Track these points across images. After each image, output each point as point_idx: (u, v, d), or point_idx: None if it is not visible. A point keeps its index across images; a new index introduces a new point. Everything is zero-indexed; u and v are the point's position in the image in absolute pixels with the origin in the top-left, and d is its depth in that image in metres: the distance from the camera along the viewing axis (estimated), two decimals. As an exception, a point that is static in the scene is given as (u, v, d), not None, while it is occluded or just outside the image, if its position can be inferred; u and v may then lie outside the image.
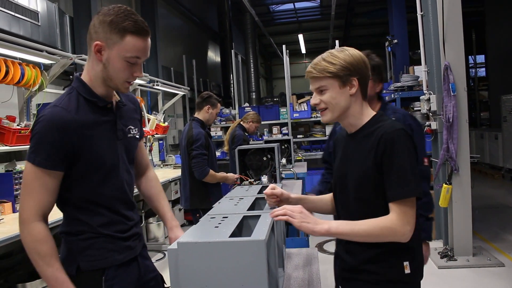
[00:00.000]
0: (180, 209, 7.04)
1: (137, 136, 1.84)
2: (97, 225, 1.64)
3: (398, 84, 6.06)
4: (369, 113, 1.65)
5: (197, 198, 4.05)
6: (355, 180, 1.60)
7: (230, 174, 4.12)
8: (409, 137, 1.52)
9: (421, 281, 1.66)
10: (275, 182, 4.17)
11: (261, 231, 1.42)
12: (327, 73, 1.57)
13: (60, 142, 1.51)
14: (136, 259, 1.76)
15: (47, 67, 4.10)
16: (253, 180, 4.12)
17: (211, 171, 3.97)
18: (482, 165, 11.09)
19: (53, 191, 1.55)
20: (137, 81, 5.94)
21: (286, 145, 5.95)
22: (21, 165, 3.90)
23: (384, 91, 7.94)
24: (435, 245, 5.31)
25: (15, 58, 3.71)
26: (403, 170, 1.48)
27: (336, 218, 1.74)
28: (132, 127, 1.79)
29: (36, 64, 3.94)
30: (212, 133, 9.33)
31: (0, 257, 3.59)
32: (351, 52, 1.61)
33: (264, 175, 4.20)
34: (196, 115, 4.17)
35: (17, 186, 3.67)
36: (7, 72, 3.48)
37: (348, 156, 1.67)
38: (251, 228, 1.61)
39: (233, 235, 1.45)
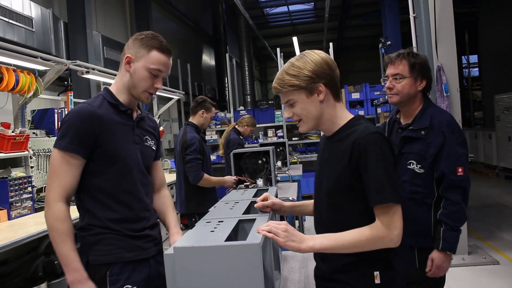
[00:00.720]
0: (177, 214, 7.04)
1: (154, 148, 1.98)
2: (108, 220, 1.73)
3: (392, 86, 6.09)
4: (345, 115, 1.61)
5: (193, 203, 4.06)
6: (328, 184, 1.57)
7: (228, 177, 4.13)
8: (384, 141, 1.48)
9: None
10: (271, 185, 4.19)
11: (256, 235, 1.43)
12: (291, 87, 1.55)
13: (83, 130, 1.68)
14: (147, 261, 1.81)
15: (41, 73, 4.10)
16: (249, 183, 4.15)
17: (206, 175, 3.98)
18: (477, 164, 11.16)
19: (76, 175, 1.69)
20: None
21: (281, 148, 5.96)
22: (16, 172, 3.89)
23: (378, 93, 7.98)
24: (431, 245, 5.35)
25: (10, 64, 3.71)
26: (378, 176, 1.44)
27: (314, 223, 1.72)
28: (149, 139, 1.93)
29: (31, 71, 3.93)
30: (207, 137, 9.34)
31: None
32: (311, 58, 1.56)
33: (259, 178, 4.22)
34: (191, 119, 4.19)
35: (12, 194, 3.67)
36: (1, 79, 3.48)
37: (324, 159, 1.65)
38: (247, 231, 1.62)
39: (228, 239, 1.46)
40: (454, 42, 4.70)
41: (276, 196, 2.56)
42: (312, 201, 1.83)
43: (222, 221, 1.70)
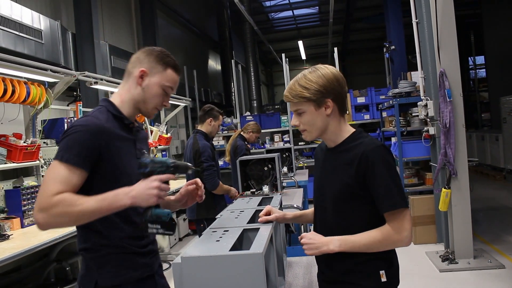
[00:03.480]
0: (184, 219, 7.12)
1: None
2: (117, 238, 1.70)
3: (396, 90, 6.13)
4: (348, 129, 1.74)
5: (203, 209, 4.13)
6: (334, 193, 1.69)
7: (233, 190, 4.23)
8: (388, 152, 1.63)
9: (423, 284, 1.73)
10: (276, 191, 4.25)
11: (259, 244, 1.51)
12: (302, 98, 1.66)
13: (89, 143, 1.60)
14: (153, 277, 1.81)
15: (51, 85, 4.21)
16: (255, 190, 4.22)
17: (220, 183, 4.09)
18: (484, 167, 11.13)
19: (73, 186, 1.56)
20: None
21: (287, 154, 6.02)
22: (28, 181, 3.99)
23: (383, 97, 8.03)
24: (437, 248, 5.38)
25: (21, 77, 3.82)
26: (387, 184, 1.58)
27: (313, 225, 1.86)
28: (145, 151, 1.90)
29: (41, 82, 4.04)
30: (215, 143, 9.42)
31: (9, 271, 3.68)
32: (323, 73, 1.66)
33: (265, 185, 4.29)
34: (199, 127, 4.27)
35: (25, 202, 3.77)
36: (13, 92, 3.58)
37: (327, 169, 1.76)
38: (251, 240, 1.69)
39: (233, 248, 1.54)
40: (456, 47, 4.74)
41: (281, 204, 2.63)
42: (312, 210, 1.92)
43: (227, 230, 1.77)
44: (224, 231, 1.77)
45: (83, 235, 1.73)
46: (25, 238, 3.35)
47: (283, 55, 9.12)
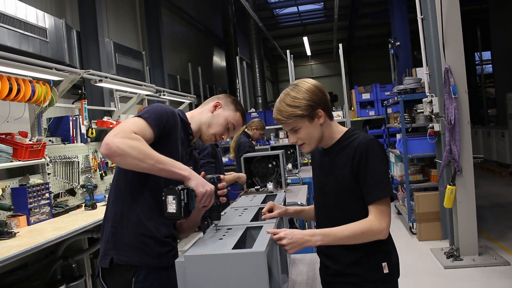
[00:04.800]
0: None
1: None
2: (147, 218, 1.76)
3: (401, 87, 6.11)
4: (340, 129, 1.84)
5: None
6: (334, 189, 1.77)
7: (241, 174, 4.20)
8: (380, 145, 1.73)
9: (427, 281, 1.77)
10: (281, 188, 4.26)
11: (262, 243, 1.51)
12: (295, 117, 1.73)
13: (166, 118, 1.78)
14: (167, 269, 1.82)
15: (56, 83, 4.23)
16: (259, 187, 4.22)
17: (221, 176, 4.06)
18: (490, 163, 11.08)
19: (145, 140, 1.67)
20: (144, 92, 6.07)
21: (291, 150, 6.02)
22: (34, 179, 4.02)
23: (388, 93, 8.00)
24: (441, 245, 5.37)
25: (26, 76, 3.85)
26: (377, 175, 1.67)
27: (316, 223, 1.92)
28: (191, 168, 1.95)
29: (46, 81, 4.06)
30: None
31: (16, 269, 3.71)
32: (306, 87, 1.75)
33: (270, 182, 4.29)
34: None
35: (31, 200, 3.80)
36: (18, 91, 3.60)
37: (325, 168, 1.84)
38: (254, 238, 1.69)
39: (236, 246, 1.55)
40: (461, 43, 4.72)
41: (284, 201, 2.64)
42: (311, 207, 1.97)
43: (230, 229, 1.78)
44: (228, 229, 1.78)
45: (113, 209, 1.79)
46: (32, 236, 3.38)
47: (287, 51, 9.11)
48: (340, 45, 8.51)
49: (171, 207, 1.61)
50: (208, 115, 2.03)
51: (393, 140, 7.10)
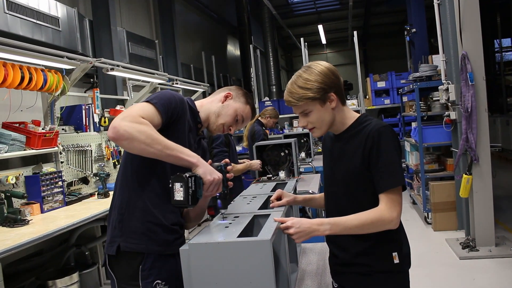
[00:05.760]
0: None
1: None
2: (153, 205, 1.74)
3: (417, 74, 5.98)
4: (352, 115, 1.77)
5: (219, 194, 4.12)
6: (344, 176, 1.73)
7: (253, 161, 4.17)
8: (393, 133, 1.66)
9: (442, 271, 1.71)
10: (293, 176, 4.23)
11: (268, 231, 1.49)
12: (306, 99, 1.67)
13: (174, 104, 1.76)
14: (174, 257, 1.78)
15: (69, 72, 4.24)
16: (271, 176, 4.19)
17: (233, 165, 4.02)
18: (509, 153, 10.86)
19: (153, 125, 1.64)
20: (156, 80, 6.06)
21: (305, 139, 5.98)
22: (47, 167, 4.05)
23: (404, 81, 7.87)
24: (457, 235, 5.29)
25: (39, 65, 3.86)
26: (389, 162, 1.61)
27: (326, 212, 1.88)
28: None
29: (59, 70, 4.07)
30: (233, 128, 9.42)
31: (32, 255, 3.76)
32: (319, 69, 1.69)
33: (282, 171, 4.26)
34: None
35: (44, 188, 3.83)
36: (30, 79, 3.62)
37: (336, 155, 1.79)
38: (262, 226, 1.67)
39: (244, 234, 1.52)
40: (479, 29, 4.58)
41: (295, 190, 2.61)
42: (321, 195, 1.92)
43: (237, 217, 1.76)
44: (235, 217, 1.76)
45: (119, 195, 1.78)
46: (44, 223, 3.41)
47: (301, 39, 9.01)
48: (355, 32, 8.37)
49: (178, 194, 1.59)
50: (218, 105, 2.02)
51: (409, 129, 6.99)
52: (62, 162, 4.30)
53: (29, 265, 3.78)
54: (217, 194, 1.76)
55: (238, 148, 9.13)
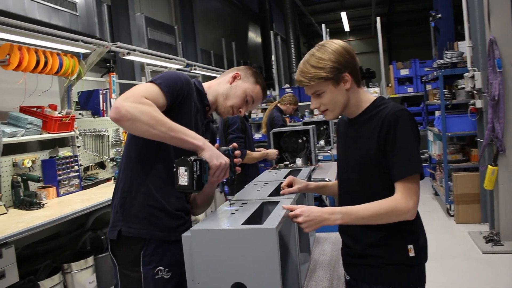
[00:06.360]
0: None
1: None
2: (156, 189, 1.68)
3: (441, 61, 5.78)
4: (368, 98, 1.67)
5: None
6: (358, 162, 1.63)
7: (270, 150, 4.10)
8: (411, 117, 1.55)
9: (464, 265, 1.61)
10: (311, 164, 4.14)
11: (274, 219, 1.41)
12: (319, 79, 1.57)
13: (180, 85, 1.69)
14: (178, 243, 1.69)
15: (85, 56, 4.22)
16: (288, 163, 4.11)
17: (249, 152, 3.96)
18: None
19: (157, 106, 1.58)
20: (174, 65, 6.02)
21: (325, 126, 5.87)
22: (63, 151, 4.06)
23: (428, 69, 7.64)
24: (481, 228, 5.13)
25: (55, 49, 3.85)
26: (406, 148, 1.51)
27: (339, 200, 1.79)
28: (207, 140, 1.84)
29: (75, 54, 4.06)
30: (253, 115, 9.37)
31: (48, 238, 3.79)
32: (333, 48, 1.59)
33: (299, 158, 4.18)
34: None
35: (60, 172, 3.84)
36: (46, 63, 3.61)
37: (350, 140, 1.70)
38: (270, 213, 1.60)
39: (248, 222, 1.45)
40: (509, 13, 4.37)
41: (310, 177, 2.53)
42: (335, 182, 1.83)
43: (245, 203, 1.69)
44: (242, 203, 1.69)
45: (122, 179, 1.73)
46: (59, 207, 3.42)
47: (323, 26, 8.83)
48: (378, 18, 8.15)
49: (183, 179, 1.51)
50: (226, 86, 1.92)
51: (432, 118, 6.79)
52: (78, 147, 4.30)
53: (46, 247, 3.82)
54: (224, 180, 1.68)
55: (258, 136, 9.08)
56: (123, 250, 1.67)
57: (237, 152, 1.74)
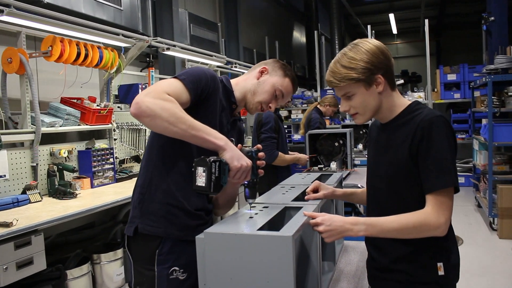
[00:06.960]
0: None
1: None
2: (177, 188, 1.64)
3: (491, 66, 5.49)
4: (402, 102, 1.56)
5: (265, 183, 4.01)
6: (387, 171, 1.53)
7: (302, 155, 4.01)
8: (448, 124, 1.44)
9: (505, 283, 1.50)
10: (346, 168, 4.02)
11: (292, 226, 1.34)
12: (349, 80, 1.48)
13: (205, 82, 1.64)
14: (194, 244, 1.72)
15: (126, 50, 4.28)
16: (322, 166, 4.01)
17: (280, 154, 3.88)
18: None
19: (180, 103, 1.54)
20: (214, 62, 6.03)
21: (364, 130, 5.72)
22: (99, 144, 4.13)
23: (477, 74, 7.30)
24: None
25: (96, 42, 3.92)
26: (441, 159, 1.40)
27: (366, 209, 1.70)
28: (233, 140, 1.79)
29: (116, 48, 4.12)
30: (293, 116, 9.30)
31: (82, 228, 3.86)
32: (366, 48, 1.49)
33: (334, 162, 4.07)
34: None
35: (95, 163, 3.91)
36: (86, 56, 3.67)
37: (381, 146, 1.59)
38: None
39: (266, 227, 1.39)
40: None
41: (341, 183, 2.43)
42: (364, 189, 1.73)
43: (267, 207, 1.63)
44: (263, 207, 1.63)
45: (142, 174, 1.71)
46: (91, 198, 3.47)
47: (369, 27, 8.63)
48: (426, 21, 7.87)
49: (201, 180, 1.46)
50: (254, 82, 1.84)
51: (479, 126, 6.48)
52: (115, 139, 4.37)
53: (79, 236, 3.90)
54: (245, 182, 1.61)
55: (297, 137, 8.99)
56: (139, 247, 1.65)
57: (261, 154, 1.67)
